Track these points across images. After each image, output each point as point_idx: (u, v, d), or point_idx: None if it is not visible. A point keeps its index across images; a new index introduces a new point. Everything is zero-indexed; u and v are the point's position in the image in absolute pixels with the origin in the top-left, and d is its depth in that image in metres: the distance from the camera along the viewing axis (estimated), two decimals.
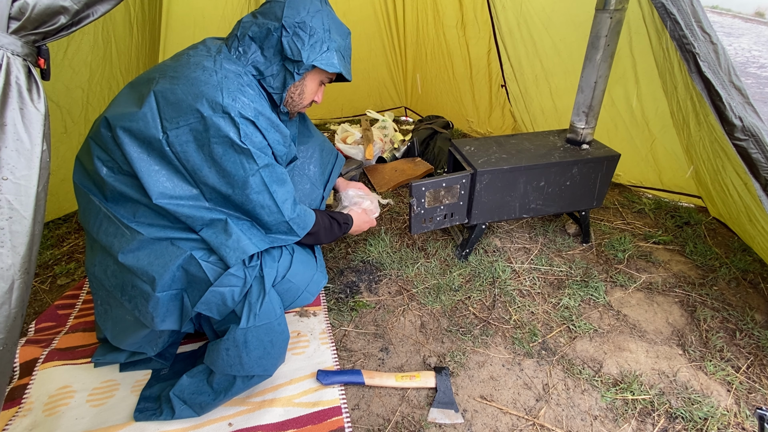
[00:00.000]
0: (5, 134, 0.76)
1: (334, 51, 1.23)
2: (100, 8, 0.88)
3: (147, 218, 1.17)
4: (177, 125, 1.08)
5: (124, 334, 1.27)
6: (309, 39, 1.18)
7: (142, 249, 1.16)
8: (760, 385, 1.41)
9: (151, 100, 1.09)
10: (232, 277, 1.17)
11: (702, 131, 1.79)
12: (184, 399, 1.25)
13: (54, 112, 1.89)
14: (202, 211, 1.17)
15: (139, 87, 1.15)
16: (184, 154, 1.10)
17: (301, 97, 1.32)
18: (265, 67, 1.21)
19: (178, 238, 1.17)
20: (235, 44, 1.21)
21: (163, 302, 1.17)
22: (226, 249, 1.15)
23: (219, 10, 2.53)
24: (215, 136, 1.09)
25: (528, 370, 1.47)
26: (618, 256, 1.99)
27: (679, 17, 1.23)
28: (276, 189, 1.21)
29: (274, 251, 1.30)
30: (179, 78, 1.11)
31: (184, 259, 1.15)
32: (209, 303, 1.17)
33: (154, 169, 1.12)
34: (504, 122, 3.01)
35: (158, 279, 1.14)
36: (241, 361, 1.19)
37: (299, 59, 1.18)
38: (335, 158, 1.73)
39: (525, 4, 2.36)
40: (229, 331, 1.18)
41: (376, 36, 3.27)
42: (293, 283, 1.32)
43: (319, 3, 1.22)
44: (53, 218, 2.16)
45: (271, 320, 1.22)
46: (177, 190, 1.14)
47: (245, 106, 1.11)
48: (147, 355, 1.33)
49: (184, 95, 1.08)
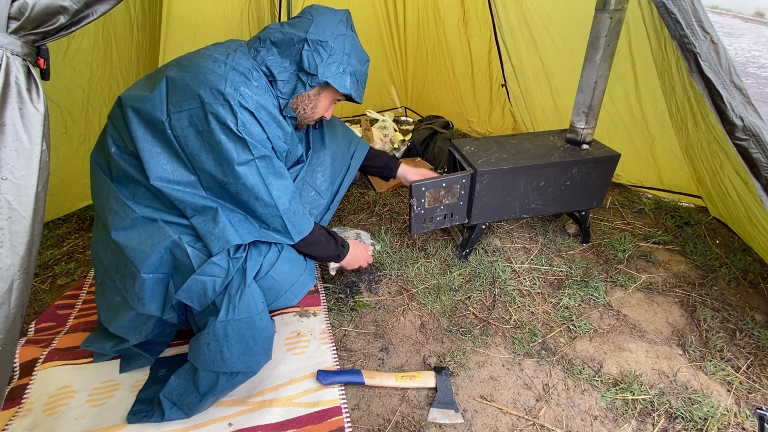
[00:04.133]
0: (5, 134, 0.76)
1: (348, 74, 1.27)
2: (99, 8, 0.88)
3: (145, 200, 1.20)
4: (180, 109, 1.12)
5: (113, 315, 1.28)
6: (328, 57, 1.23)
7: (133, 228, 1.18)
8: (760, 385, 1.41)
9: (162, 84, 1.14)
10: (215, 266, 1.17)
11: (700, 132, 1.79)
12: (173, 400, 1.25)
13: (54, 113, 1.89)
14: (196, 198, 1.19)
15: (155, 75, 1.20)
16: (185, 138, 1.14)
17: (314, 111, 1.36)
18: (278, 71, 1.24)
19: (169, 221, 1.20)
20: (256, 45, 1.25)
21: (149, 284, 1.18)
22: (211, 237, 1.17)
23: (219, 10, 2.52)
24: (214, 122, 1.11)
25: (528, 370, 1.47)
26: (618, 256, 1.99)
27: (680, 17, 1.23)
28: (272, 181, 1.22)
29: (263, 246, 1.29)
30: (190, 66, 1.16)
31: (172, 242, 1.17)
32: (190, 291, 1.18)
33: (156, 151, 1.15)
34: (504, 122, 3.01)
35: (145, 259, 1.16)
36: (222, 356, 1.19)
37: (314, 73, 1.23)
38: (347, 170, 1.73)
39: (525, 3, 2.36)
40: (208, 324, 1.18)
41: (376, 36, 3.26)
42: (276, 280, 1.30)
43: (344, 28, 1.26)
44: (53, 218, 2.16)
45: (251, 314, 1.21)
46: (176, 175, 1.17)
47: (247, 98, 1.14)
48: (130, 343, 1.32)
49: (191, 81, 1.12)
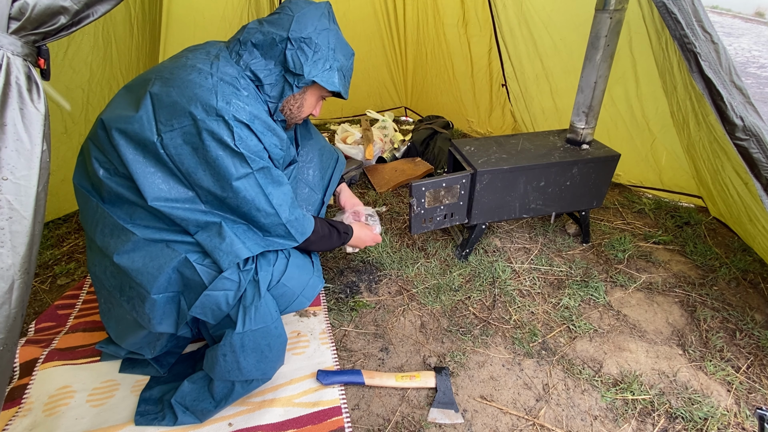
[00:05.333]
0: (5, 134, 0.76)
1: (336, 70, 1.23)
2: (100, 8, 0.88)
3: (144, 220, 1.17)
4: (171, 128, 1.07)
5: (125, 333, 1.27)
6: (313, 55, 1.19)
7: (137, 250, 1.15)
8: (760, 385, 1.41)
9: (147, 102, 1.09)
10: (226, 280, 1.16)
11: (701, 131, 1.79)
12: (186, 405, 1.25)
13: (54, 113, 1.89)
14: (197, 214, 1.16)
15: (135, 89, 1.14)
16: (179, 156, 1.09)
17: (300, 110, 1.32)
18: (264, 75, 1.20)
19: (173, 240, 1.17)
20: (237, 48, 1.20)
21: (160, 304, 1.17)
22: (219, 252, 1.14)
23: (219, 10, 2.52)
24: (209, 140, 1.07)
25: (528, 370, 1.47)
26: (618, 256, 1.99)
27: (680, 16, 1.23)
28: (272, 191, 1.19)
29: (270, 255, 1.28)
30: (174, 80, 1.10)
31: (179, 262, 1.15)
32: (204, 307, 1.17)
33: (149, 171, 1.11)
34: (504, 122, 3.01)
35: (153, 281, 1.13)
36: (239, 366, 1.19)
37: (300, 73, 1.19)
38: (335, 162, 1.71)
39: (525, 4, 2.36)
40: (225, 336, 1.18)
41: (376, 36, 3.26)
42: (288, 287, 1.30)
43: (327, 22, 1.22)
44: (53, 218, 2.16)
45: (267, 324, 1.21)
46: (173, 193, 1.13)
47: (240, 110, 1.10)
48: (146, 356, 1.32)
49: (179, 98, 1.07)
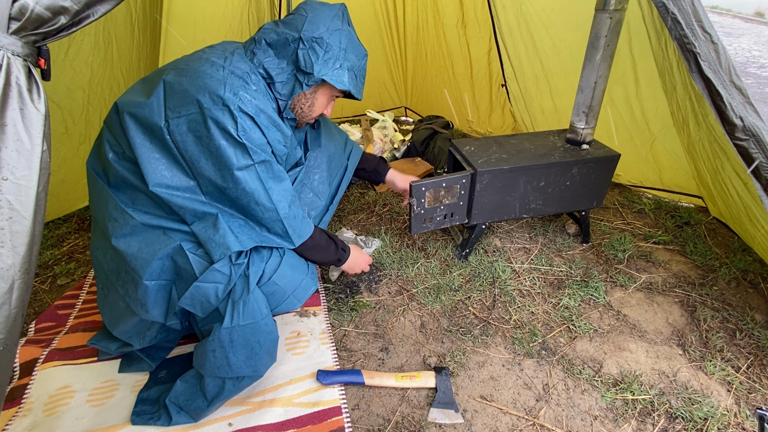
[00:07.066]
0: (5, 134, 0.76)
1: (346, 69, 1.25)
2: (100, 8, 0.88)
3: (144, 206, 1.19)
4: (178, 114, 1.11)
5: (117, 320, 1.29)
6: (324, 54, 1.21)
7: (134, 235, 1.18)
8: (760, 385, 1.41)
9: (160, 89, 1.13)
10: (217, 273, 1.17)
11: (701, 131, 1.79)
12: (180, 405, 1.25)
13: (55, 113, 1.89)
14: (195, 204, 1.18)
15: (152, 78, 1.19)
16: (183, 143, 1.13)
17: (311, 109, 1.34)
18: (276, 73, 1.23)
19: (170, 228, 1.19)
20: (252, 46, 1.23)
21: (152, 291, 1.18)
22: (212, 244, 1.16)
23: (219, 10, 2.53)
24: (213, 128, 1.10)
25: (528, 370, 1.47)
26: (618, 256, 1.99)
27: (680, 16, 1.23)
28: (272, 186, 1.21)
29: (264, 251, 1.29)
30: (188, 70, 1.15)
31: (173, 249, 1.17)
32: (193, 298, 1.18)
33: (154, 157, 1.14)
34: (504, 122, 3.01)
35: (146, 266, 1.15)
36: (228, 362, 1.19)
37: (311, 71, 1.21)
38: (344, 171, 1.71)
39: (525, 4, 2.36)
40: (213, 331, 1.18)
41: (376, 36, 3.27)
42: (279, 285, 1.30)
43: (340, 22, 1.23)
44: (53, 218, 2.16)
45: (256, 320, 1.21)
46: (174, 180, 1.16)
47: (246, 102, 1.13)
48: (134, 348, 1.33)
49: (189, 86, 1.11)
